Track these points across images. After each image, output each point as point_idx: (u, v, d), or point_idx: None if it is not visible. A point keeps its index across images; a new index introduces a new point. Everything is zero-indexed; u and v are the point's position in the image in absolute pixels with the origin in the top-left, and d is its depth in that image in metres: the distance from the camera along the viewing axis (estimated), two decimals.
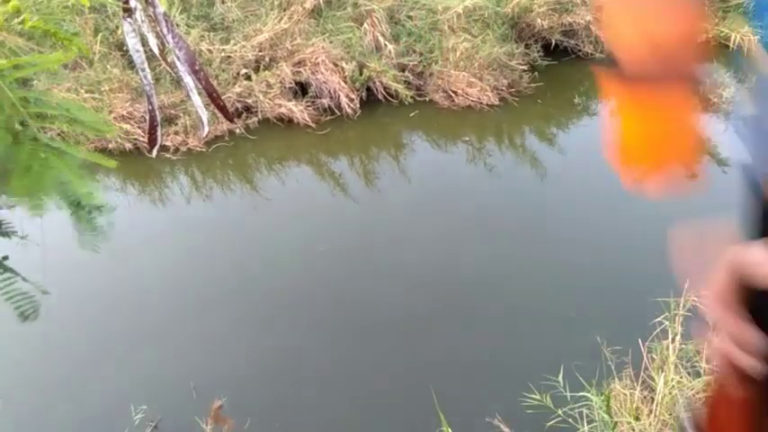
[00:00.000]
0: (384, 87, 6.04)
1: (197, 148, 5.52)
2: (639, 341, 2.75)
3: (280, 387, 3.26)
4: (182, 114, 5.59)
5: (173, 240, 4.52)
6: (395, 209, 4.80)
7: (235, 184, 5.26)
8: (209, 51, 5.96)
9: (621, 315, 3.22)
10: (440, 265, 4.04)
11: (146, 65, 0.99)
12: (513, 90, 6.14)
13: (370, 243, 4.33)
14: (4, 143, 0.81)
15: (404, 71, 6.17)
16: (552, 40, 6.74)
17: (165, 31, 0.97)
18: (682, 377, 2.50)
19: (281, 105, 5.79)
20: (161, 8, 0.99)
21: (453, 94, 6.03)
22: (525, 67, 6.30)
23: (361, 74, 5.98)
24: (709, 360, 2.52)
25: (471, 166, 5.33)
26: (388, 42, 6.17)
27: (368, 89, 6.08)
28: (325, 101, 5.92)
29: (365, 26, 6.26)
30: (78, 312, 3.74)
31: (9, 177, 0.83)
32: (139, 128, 5.42)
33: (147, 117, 1.03)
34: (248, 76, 5.91)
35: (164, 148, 5.40)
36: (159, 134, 1.08)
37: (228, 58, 5.96)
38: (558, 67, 6.64)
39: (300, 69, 5.95)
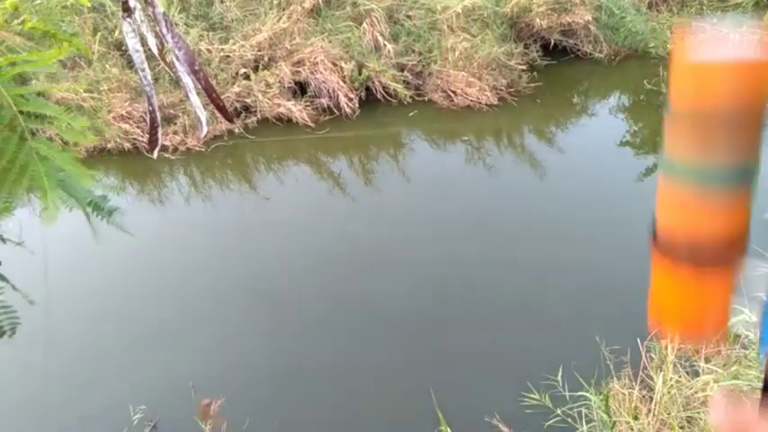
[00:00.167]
0: (383, 87, 6.04)
1: (196, 148, 5.52)
2: (638, 341, 2.75)
3: (278, 387, 3.26)
4: (180, 114, 5.58)
5: (171, 240, 4.51)
6: (394, 208, 4.80)
7: (234, 183, 5.26)
8: (207, 51, 5.95)
9: (620, 315, 3.22)
10: (438, 265, 4.04)
11: (145, 65, 0.99)
12: (512, 90, 6.15)
13: (370, 242, 4.33)
14: (11, 143, 0.81)
15: (403, 71, 6.17)
16: (551, 40, 6.75)
17: (165, 31, 0.97)
18: (680, 377, 2.50)
19: (279, 105, 5.79)
20: (160, 8, 0.99)
21: (452, 94, 6.03)
22: (524, 67, 6.30)
23: (360, 73, 5.98)
24: (707, 360, 2.52)
25: (470, 165, 5.33)
26: (387, 42, 6.17)
27: (367, 89, 6.08)
28: (324, 100, 5.92)
29: (364, 26, 6.26)
30: (77, 313, 3.74)
31: (8, 176, 0.83)
32: (138, 127, 5.42)
33: (148, 118, 1.03)
34: (247, 76, 5.90)
35: (163, 148, 5.39)
36: (160, 135, 1.08)
37: (227, 57, 5.96)
38: (557, 66, 6.64)
39: (299, 69, 5.95)
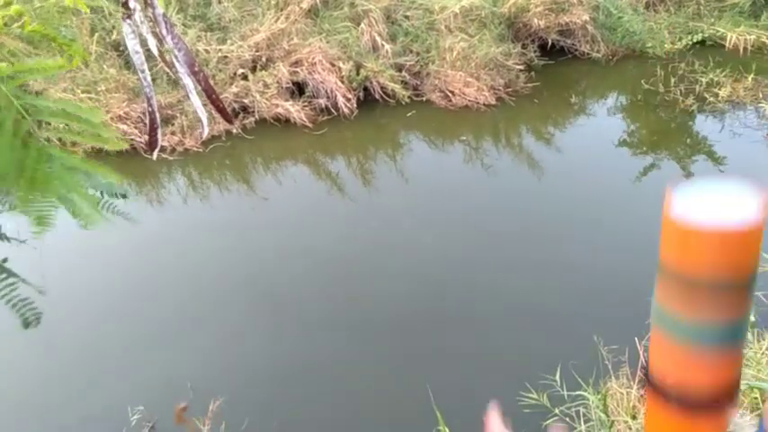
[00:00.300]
0: (381, 87, 6.04)
1: (194, 149, 5.51)
2: (636, 340, 2.76)
3: (278, 387, 3.26)
4: (178, 115, 5.57)
5: (170, 241, 4.51)
6: (392, 208, 4.80)
7: (232, 184, 5.25)
8: (205, 51, 5.95)
9: (618, 314, 3.23)
10: (437, 265, 4.05)
11: (145, 66, 0.99)
12: (510, 90, 6.15)
13: (368, 242, 4.33)
14: (14, 149, 0.81)
15: (401, 71, 6.17)
16: (549, 40, 6.76)
17: (165, 32, 0.97)
18: None
19: (277, 105, 5.78)
20: (160, 9, 0.99)
21: (450, 94, 6.03)
22: (522, 67, 6.31)
23: (358, 74, 5.98)
24: None
25: (468, 165, 5.34)
26: (385, 42, 6.18)
27: (365, 89, 6.08)
28: (322, 101, 5.91)
29: (362, 26, 6.25)
30: (76, 313, 3.73)
31: (17, 183, 0.83)
32: (136, 128, 5.41)
33: (148, 119, 1.03)
34: (245, 76, 5.90)
35: (161, 149, 5.37)
36: (159, 136, 1.08)
37: (225, 58, 5.95)
38: (555, 66, 6.65)
39: (297, 69, 5.94)
